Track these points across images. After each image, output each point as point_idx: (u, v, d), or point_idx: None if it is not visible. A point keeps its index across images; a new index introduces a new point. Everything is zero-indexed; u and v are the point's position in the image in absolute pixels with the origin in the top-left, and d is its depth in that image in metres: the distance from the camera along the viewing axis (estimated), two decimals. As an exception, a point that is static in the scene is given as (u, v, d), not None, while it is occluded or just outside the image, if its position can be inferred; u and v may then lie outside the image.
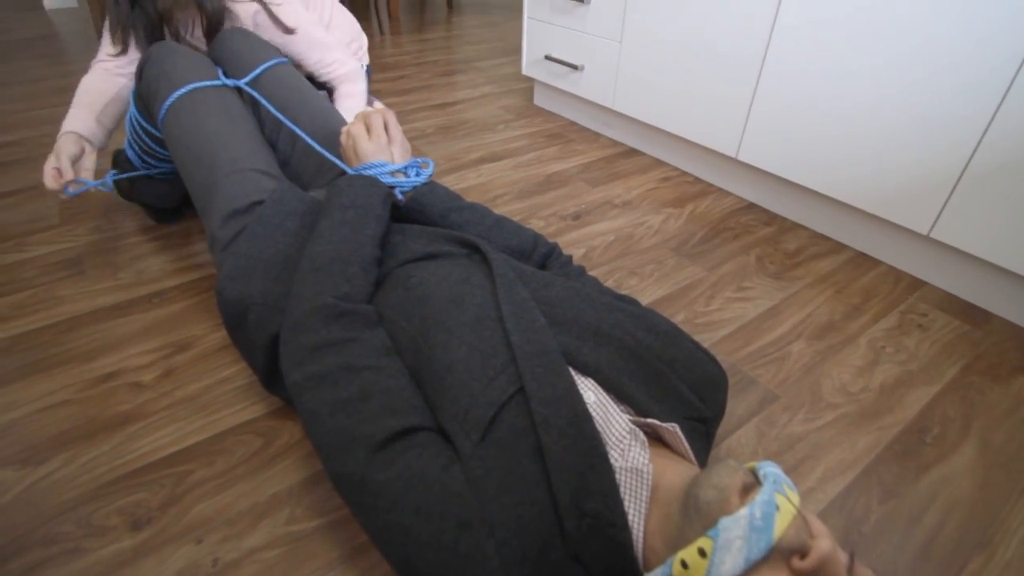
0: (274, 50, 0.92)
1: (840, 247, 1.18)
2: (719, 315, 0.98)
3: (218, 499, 0.66)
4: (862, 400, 0.82)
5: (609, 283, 1.05)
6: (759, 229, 1.23)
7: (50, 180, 0.93)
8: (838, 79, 1.04)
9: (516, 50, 2.58)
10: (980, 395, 0.84)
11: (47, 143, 1.58)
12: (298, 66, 1.09)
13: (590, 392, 0.52)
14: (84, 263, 1.08)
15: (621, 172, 1.47)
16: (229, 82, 0.85)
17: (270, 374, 0.70)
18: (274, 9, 1.02)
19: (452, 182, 1.40)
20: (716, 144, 1.31)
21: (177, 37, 1.04)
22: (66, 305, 0.97)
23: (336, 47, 1.12)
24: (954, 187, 0.95)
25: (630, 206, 1.31)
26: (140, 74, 0.84)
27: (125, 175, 1.05)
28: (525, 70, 1.83)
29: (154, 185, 1.08)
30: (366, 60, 1.37)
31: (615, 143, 1.64)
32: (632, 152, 1.59)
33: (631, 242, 1.17)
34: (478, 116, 1.82)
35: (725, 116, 1.26)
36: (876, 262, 1.13)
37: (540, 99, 1.90)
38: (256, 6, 1.01)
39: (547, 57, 1.69)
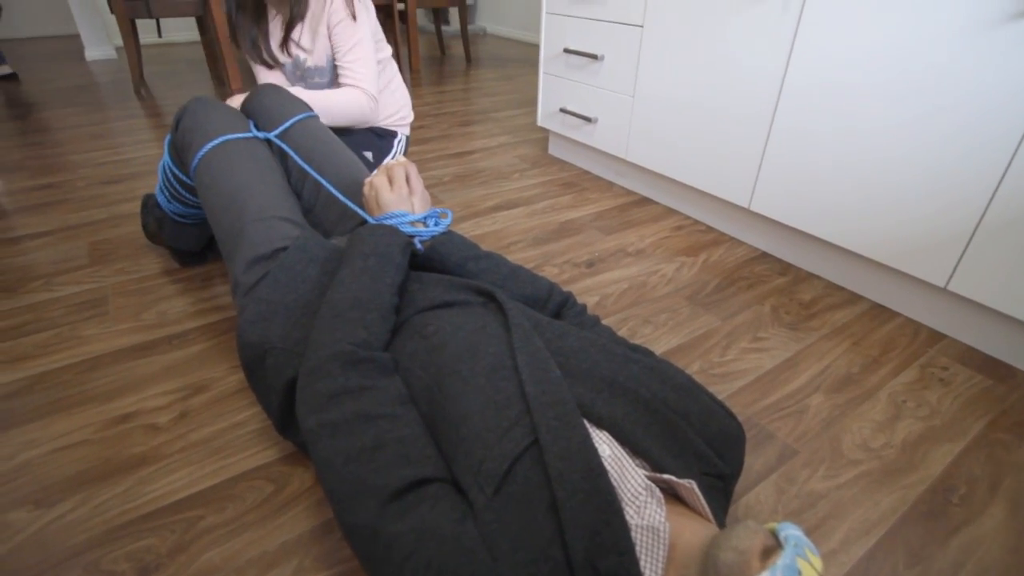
0: (303, 105, 0.96)
1: (856, 298, 1.17)
2: (735, 366, 0.97)
3: (227, 547, 0.66)
4: (884, 457, 0.80)
5: (623, 331, 1.05)
6: (773, 279, 1.23)
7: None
8: (849, 135, 1.06)
9: (531, 102, 2.67)
10: (1007, 453, 0.81)
11: (81, 186, 1.65)
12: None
13: (605, 445, 0.51)
14: (109, 303, 1.10)
15: (634, 220, 1.49)
16: (260, 134, 0.89)
17: (284, 419, 0.71)
18: (355, 2, 1.20)
19: (468, 229, 1.43)
20: (728, 195, 1.33)
21: (258, 48, 1.26)
22: (89, 345, 0.99)
23: (371, 71, 1.26)
24: (969, 240, 0.95)
25: (643, 254, 1.32)
26: (176, 125, 0.89)
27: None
28: (540, 121, 1.88)
29: (180, 229, 1.11)
30: (407, 131, 1.46)
31: (628, 192, 1.67)
32: (645, 201, 1.61)
33: (645, 290, 1.18)
34: (494, 165, 1.86)
35: (737, 168, 1.29)
36: (893, 314, 1.12)
37: (555, 149, 1.96)
38: None
39: (562, 110, 1.74)
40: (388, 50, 1.39)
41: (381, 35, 1.35)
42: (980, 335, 1.02)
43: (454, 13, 4.86)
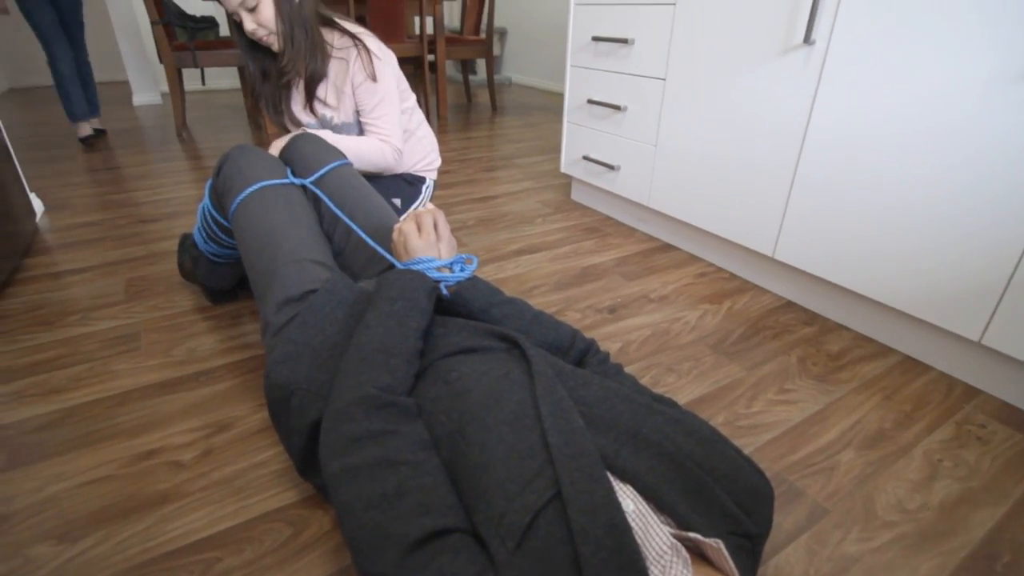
0: (338, 153, 1.01)
1: (886, 350, 1.14)
2: (761, 418, 0.95)
3: (243, 591, 0.65)
4: (921, 519, 0.77)
5: (646, 379, 1.04)
6: (799, 328, 1.22)
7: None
8: (875, 185, 1.06)
9: (555, 148, 2.73)
10: (1055, 521, 0.77)
11: (122, 224, 1.72)
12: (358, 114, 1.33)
13: (629, 500, 0.50)
14: (141, 339, 1.13)
15: (657, 267, 1.49)
16: (296, 181, 0.93)
17: (305, 460, 0.71)
18: (374, 60, 1.24)
19: (491, 272, 1.44)
20: (752, 243, 1.33)
21: (279, 111, 1.33)
22: (120, 379, 1.01)
23: (396, 126, 1.31)
24: (1003, 293, 0.93)
25: (666, 301, 1.32)
26: (218, 171, 0.93)
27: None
28: (564, 168, 1.92)
29: (214, 268, 1.15)
30: (435, 176, 1.50)
31: (650, 238, 1.68)
32: (667, 247, 1.62)
33: (668, 338, 1.17)
34: (517, 209, 1.90)
35: (761, 216, 1.29)
36: (926, 367, 1.09)
37: (577, 195, 1.99)
38: (355, 51, 1.24)
39: (585, 157, 1.78)
40: (413, 98, 1.44)
41: (405, 84, 1.40)
42: (1019, 391, 0.99)
43: (481, 63, 5.05)
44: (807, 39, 1.08)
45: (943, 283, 1.00)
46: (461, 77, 4.59)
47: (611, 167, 1.68)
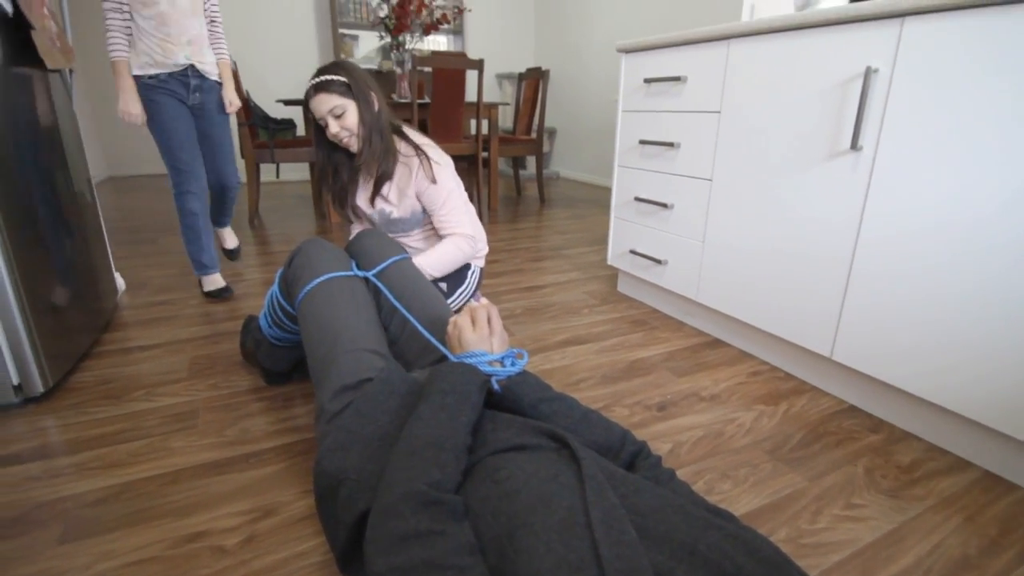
0: (399, 248, 1.07)
1: (964, 464, 1.06)
2: (827, 536, 0.87)
3: None
4: (1025, 672, 0.67)
5: (699, 485, 0.98)
6: (864, 436, 1.14)
7: None
8: (940, 279, 1.03)
9: (601, 240, 2.80)
10: None
11: (192, 304, 1.84)
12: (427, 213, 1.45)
13: (687, 625, 0.47)
14: (198, 417, 1.18)
15: (707, 363, 1.46)
16: (360, 273, 0.99)
17: (347, 554, 0.70)
18: (434, 166, 1.37)
19: (537, 363, 1.45)
20: (807, 342, 1.29)
21: (344, 202, 1.46)
22: (175, 457, 1.04)
23: (463, 214, 1.42)
24: (1094, 411, 0.86)
25: (718, 400, 1.27)
26: (290, 262, 1.00)
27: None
28: (610, 261, 1.96)
29: (274, 351, 1.21)
30: (482, 263, 1.58)
31: (700, 332, 1.66)
32: (718, 343, 1.59)
33: (721, 440, 1.12)
34: (564, 300, 1.93)
35: (815, 314, 1.26)
36: (1011, 486, 1.00)
37: (624, 286, 2.00)
38: (417, 160, 1.37)
39: (632, 251, 1.81)
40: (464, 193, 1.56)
41: (458, 181, 1.52)
42: None
43: (531, 159, 5.33)
44: (854, 145, 1.11)
45: (1022, 394, 0.93)
46: (511, 171, 4.84)
47: (658, 261, 1.70)
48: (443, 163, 1.41)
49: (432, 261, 1.37)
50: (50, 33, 1.37)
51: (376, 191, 1.41)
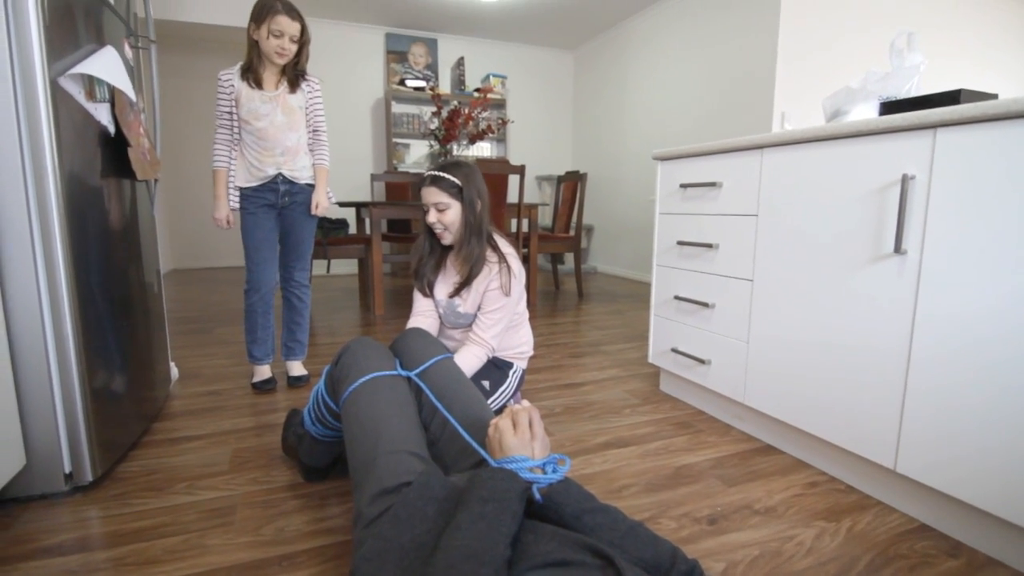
0: (442, 347, 1.10)
1: (1066, 603, 0.93)
2: None
3: None
4: None
5: (757, 613, 0.90)
6: (942, 561, 1.03)
7: None
8: (1008, 385, 0.97)
9: (640, 336, 2.77)
10: None
11: (241, 395, 1.88)
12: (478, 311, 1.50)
13: None
14: (236, 513, 1.17)
15: (760, 472, 1.38)
16: (403, 372, 1.01)
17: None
18: (513, 279, 1.46)
19: (578, 466, 1.40)
20: (867, 452, 1.21)
21: (423, 279, 1.55)
22: (209, 556, 1.03)
23: (501, 327, 1.47)
24: None
25: (774, 514, 1.19)
26: (337, 360, 1.04)
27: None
28: (652, 359, 1.93)
29: (315, 446, 1.21)
30: (524, 364, 1.60)
31: (749, 437, 1.58)
32: (770, 449, 1.50)
33: (780, 561, 1.03)
34: (604, 398, 1.88)
35: (873, 421, 1.19)
36: None
37: (666, 386, 1.95)
38: (497, 267, 1.46)
39: (674, 350, 1.79)
40: (525, 301, 1.63)
41: (524, 293, 1.60)
42: None
43: (569, 254, 5.46)
44: (898, 249, 1.10)
45: (1123, 522, 0.84)
46: (550, 266, 4.95)
47: (701, 361, 1.67)
48: (519, 276, 1.49)
49: (462, 364, 1.41)
50: (143, 149, 1.55)
51: (457, 291, 1.50)
